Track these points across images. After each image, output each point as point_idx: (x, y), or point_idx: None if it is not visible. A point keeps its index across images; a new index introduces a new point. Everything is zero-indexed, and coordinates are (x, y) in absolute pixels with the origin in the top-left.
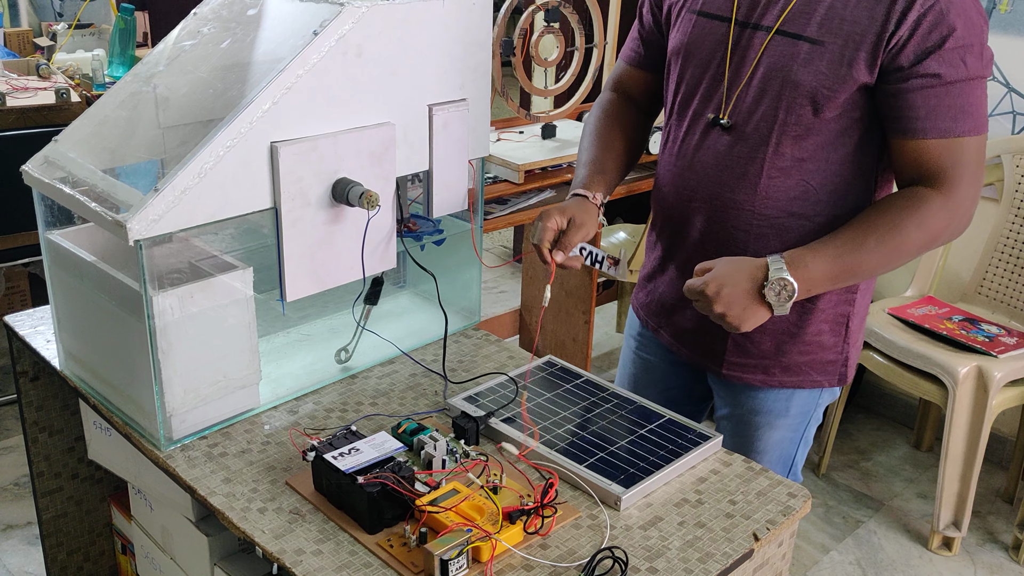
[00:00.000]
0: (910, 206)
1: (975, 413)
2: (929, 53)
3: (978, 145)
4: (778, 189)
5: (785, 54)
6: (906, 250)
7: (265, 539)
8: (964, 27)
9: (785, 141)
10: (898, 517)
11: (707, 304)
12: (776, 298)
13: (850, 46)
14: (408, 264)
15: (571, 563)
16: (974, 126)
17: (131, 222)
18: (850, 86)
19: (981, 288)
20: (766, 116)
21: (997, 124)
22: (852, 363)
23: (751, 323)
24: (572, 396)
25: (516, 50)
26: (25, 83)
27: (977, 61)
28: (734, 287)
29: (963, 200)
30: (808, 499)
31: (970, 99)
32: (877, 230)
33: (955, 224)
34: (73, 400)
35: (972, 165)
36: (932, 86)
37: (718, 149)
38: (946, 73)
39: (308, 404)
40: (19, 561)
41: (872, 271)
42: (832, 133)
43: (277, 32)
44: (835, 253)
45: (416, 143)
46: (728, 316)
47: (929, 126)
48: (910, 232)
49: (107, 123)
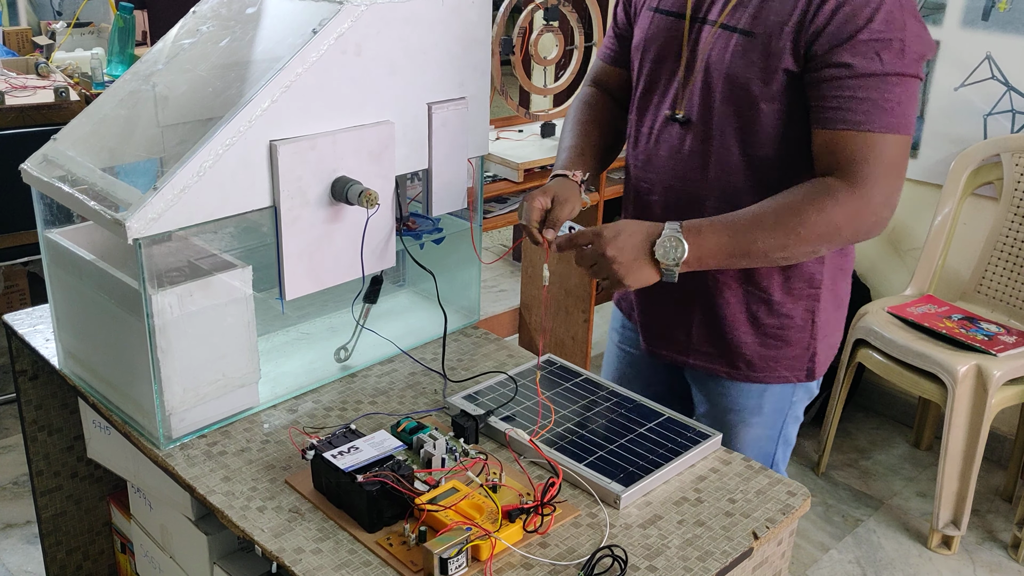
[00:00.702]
0: (813, 192)
1: (974, 412)
2: (842, 43)
3: (895, 144)
4: (729, 182)
5: (723, 47)
6: (804, 235)
7: (264, 538)
8: (882, 21)
9: (730, 133)
10: (897, 516)
11: (600, 245)
12: (664, 256)
13: (776, 36)
14: (407, 263)
15: (570, 561)
16: (889, 124)
17: (130, 221)
18: (781, 76)
19: (980, 287)
20: (712, 109)
21: (996, 123)
22: (821, 359)
23: (635, 277)
24: (571, 395)
25: (515, 48)
26: (24, 82)
27: (895, 57)
28: (630, 236)
29: (872, 198)
30: (807, 498)
31: (886, 95)
32: (777, 211)
33: (862, 221)
34: (72, 399)
35: (886, 164)
36: (843, 77)
37: (673, 143)
38: (858, 65)
39: (307, 403)
40: (18, 560)
41: (768, 252)
42: (776, 125)
43: (276, 30)
44: (731, 227)
45: (415, 141)
46: (616, 262)
47: (838, 117)
48: (809, 216)
49: (106, 122)
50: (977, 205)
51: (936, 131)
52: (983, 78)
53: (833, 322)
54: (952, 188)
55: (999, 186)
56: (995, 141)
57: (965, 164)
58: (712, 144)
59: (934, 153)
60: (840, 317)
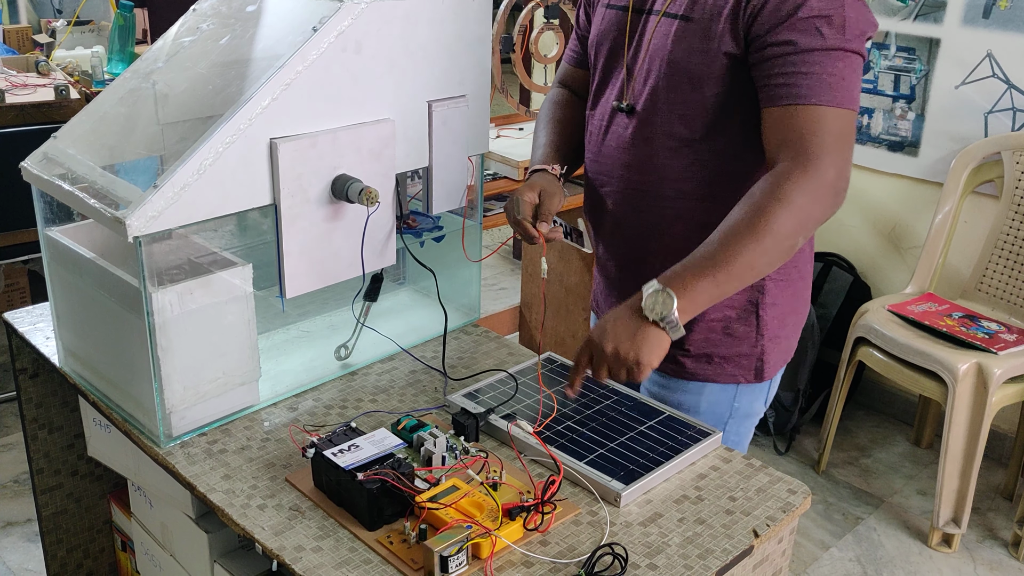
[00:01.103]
0: (770, 187)
1: (975, 410)
2: (782, 21)
3: (840, 118)
4: (674, 170)
5: (664, 34)
6: (779, 233)
7: (265, 536)
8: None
9: (674, 120)
10: (898, 514)
11: (598, 350)
12: (655, 312)
13: (715, 19)
14: (408, 261)
15: (571, 560)
16: (834, 98)
17: (130, 219)
18: (721, 60)
19: (981, 285)
20: (654, 96)
21: (997, 121)
22: (771, 358)
23: (648, 349)
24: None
25: (516, 47)
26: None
27: (837, 32)
28: (615, 320)
29: (825, 172)
30: (808, 496)
31: (828, 68)
32: (743, 219)
33: (822, 199)
34: (73, 397)
35: (833, 137)
36: (788, 53)
37: (621, 133)
38: (800, 41)
39: (308, 401)
40: (19, 558)
41: (753, 263)
42: (717, 111)
43: (276, 28)
44: (707, 255)
45: (415, 139)
46: (621, 350)
47: (783, 93)
48: (776, 212)
49: (106, 119)
50: (978, 203)
51: (937, 129)
52: (984, 76)
53: (785, 322)
54: (953, 186)
55: (1000, 184)
56: (996, 139)
57: (966, 162)
58: (656, 130)
59: (935, 151)
60: (796, 320)
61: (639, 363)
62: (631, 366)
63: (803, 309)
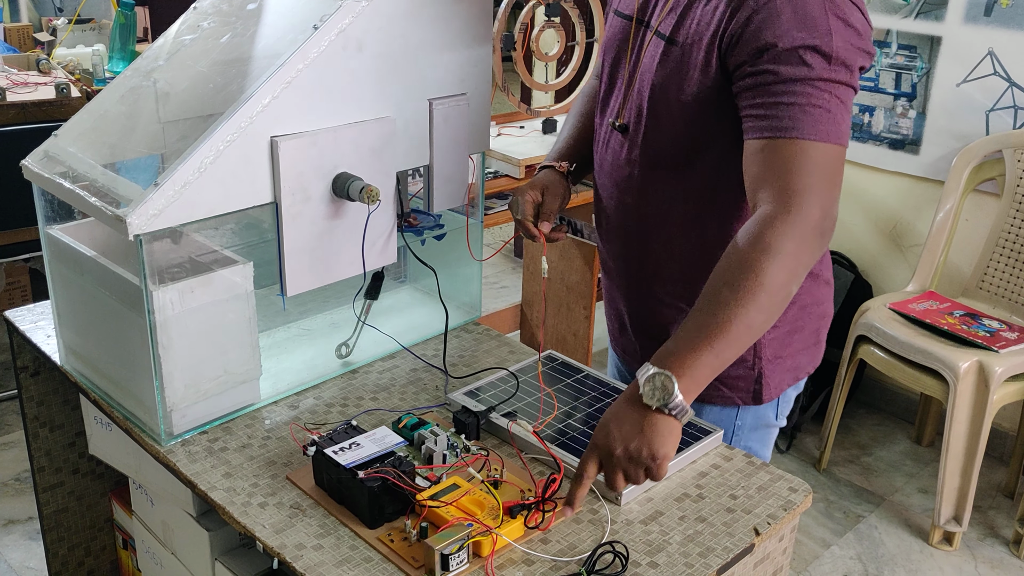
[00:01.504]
0: (754, 237)
1: (976, 408)
2: (764, 50)
3: (826, 153)
4: (657, 194)
5: (652, 55)
6: (772, 286)
7: (266, 534)
8: (802, 26)
9: (659, 143)
10: (899, 512)
11: (606, 455)
12: (655, 398)
13: (696, 46)
14: (409, 259)
15: (572, 558)
16: (819, 132)
17: (131, 217)
18: (703, 87)
19: (982, 283)
20: (640, 118)
21: (998, 119)
22: (773, 380)
23: (660, 440)
24: (573, 391)
25: (517, 45)
26: (25, 78)
27: (822, 63)
28: (615, 418)
29: (809, 213)
30: (809, 494)
31: (813, 100)
32: (731, 278)
33: (809, 243)
34: (74, 395)
35: (818, 174)
36: (769, 83)
37: (616, 151)
38: (782, 70)
39: (309, 399)
40: (20, 556)
41: (751, 324)
42: (698, 139)
43: (277, 26)
44: (698, 323)
45: (416, 137)
46: (632, 449)
47: (764, 125)
48: (765, 266)
49: (107, 118)
50: (979, 201)
51: (938, 127)
52: (985, 74)
53: (789, 342)
54: (954, 184)
55: (1001, 182)
56: (997, 137)
57: (967, 160)
58: (642, 153)
59: (936, 149)
60: (804, 338)
61: (655, 457)
62: (647, 464)
63: (813, 327)
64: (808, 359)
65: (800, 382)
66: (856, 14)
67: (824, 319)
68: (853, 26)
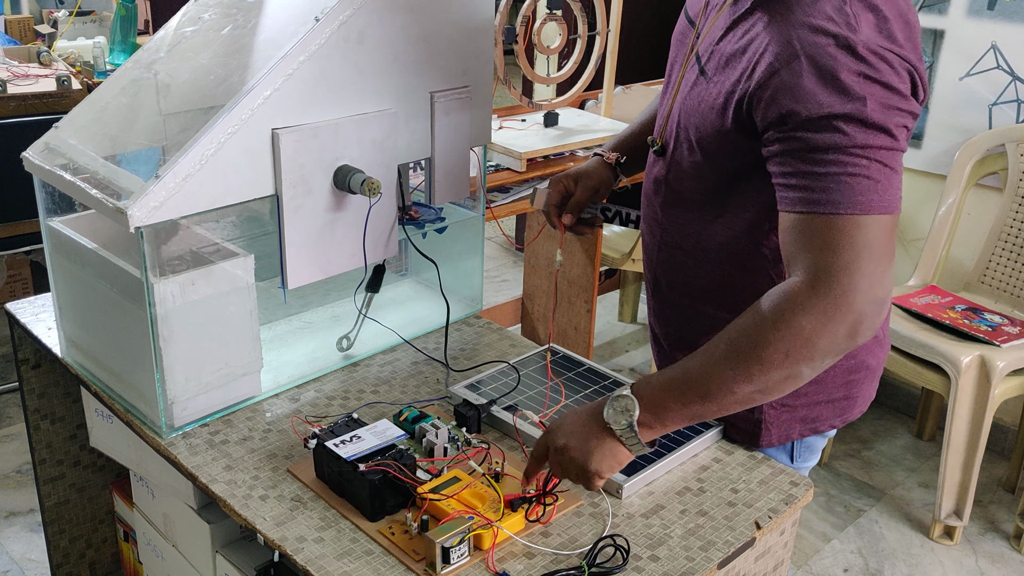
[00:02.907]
0: (772, 305)
1: (977, 402)
2: (787, 118)
3: (867, 227)
4: (675, 223)
5: (688, 79)
6: (769, 361)
7: (266, 526)
8: (830, 91)
9: (679, 173)
10: (900, 506)
11: (550, 441)
12: (614, 420)
13: (724, 87)
14: (410, 252)
15: (572, 551)
16: (858, 203)
17: (132, 209)
18: (718, 129)
19: (984, 277)
20: (668, 145)
21: (1001, 113)
22: (773, 429)
23: (598, 458)
24: (574, 384)
25: (518, 37)
26: (26, 70)
27: (857, 129)
28: (575, 417)
29: (842, 294)
30: (810, 488)
31: (849, 169)
32: (730, 337)
33: (840, 324)
34: (75, 388)
35: (856, 250)
36: (798, 150)
37: (652, 169)
38: (813, 139)
39: (310, 392)
40: (22, 548)
41: (733, 388)
42: (716, 178)
43: (278, 18)
44: (683, 366)
45: (418, 130)
46: (571, 449)
47: (796, 196)
48: (767, 335)
49: (108, 110)
50: (981, 195)
51: (940, 121)
52: (988, 68)
53: (801, 392)
54: (956, 178)
55: (1004, 176)
56: (1000, 131)
57: (970, 154)
58: (669, 183)
59: (938, 143)
60: (820, 390)
61: (586, 470)
62: (580, 468)
63: (841, 380)
64: (832, 413)
65: (823, 434)
66: (896, 73)
67: (857, 373)
68: (892, 87)
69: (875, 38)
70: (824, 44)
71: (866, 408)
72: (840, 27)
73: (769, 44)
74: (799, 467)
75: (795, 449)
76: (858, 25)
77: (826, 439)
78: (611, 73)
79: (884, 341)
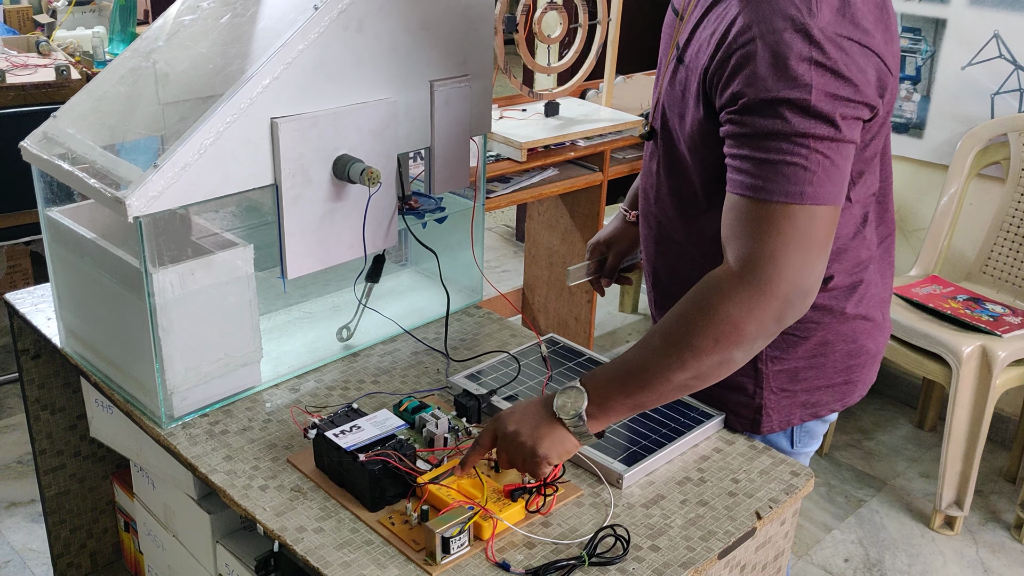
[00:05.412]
0: (700, 293)
1: (979, 392)
2: (738, 98)
3: (800, 216)
4: (667, 216)
5: (671, 69)
6: (699, 348)
7: (266, 516)
8: (779, 75)
9: (668, 167)
10: (900, 496)
11: (499, 427)
12: (562, 410)
13: (693, 71)
14: (410, 242)
15: (573, 541)
16: (790, 193)
17: (131, 199)
18: (696, 118)
19: (986, 267)
20: (658, 130)
21: (1003, 102)
22: (773, 414)
23: (548, 443)
24: (574, 375)
25: (519, 27)
26: (25, 60)
27: (800, 118)
28: (525, 405)
29: (767, 283)
30: (811, 478)
31: (787, 158)
32: (664, 326)
33: (759, 312)
34: (74, 378)
35: (786, 239)
36: (745, 134)
37: (646, 156)
38: (758, 123)
39: (309, 382)
40: (22, 538)
41: (669, 377)
42: (701, 171)
43: (277, 7)
44: (624, 358)
45: (417, 120)
46: (521, 434)
47: (736, 180)
48: (696, 323)
49: (106, 99)
50: (983, 185)
51: (942, 110)
52: (991, 57)
53: (799, 378)
54: (958, 168)
55: (1006, 166)
56: (1002, 120)
57: (972, 144)
58: (659, 168)
59: (940, 133)
60: (819, 374)
61: (535, 454)
62: (528, 455)
63: (841, 365)
64: (832, 397)
65: (824, 418)
66: (853, 62)
67: (857, 358)
68: (844, 76)
69: (835, 24)
70: (781, 28)
71: (866, 392)
72: (800, 12)
73: (732, 26)
74: (799, 452)
75: (795, 434)
76: (818, 10)
77: (826, 424)
78: (612, 62)
79: (884, 325)
